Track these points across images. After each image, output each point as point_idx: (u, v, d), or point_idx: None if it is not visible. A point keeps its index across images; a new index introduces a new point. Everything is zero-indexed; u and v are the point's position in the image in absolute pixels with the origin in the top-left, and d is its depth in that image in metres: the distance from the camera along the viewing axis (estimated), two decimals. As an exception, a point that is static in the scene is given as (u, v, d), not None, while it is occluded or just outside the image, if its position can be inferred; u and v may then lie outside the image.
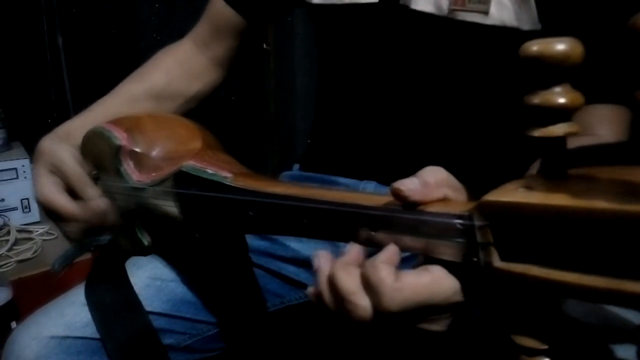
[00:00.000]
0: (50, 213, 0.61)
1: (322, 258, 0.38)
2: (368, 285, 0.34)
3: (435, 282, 0.34)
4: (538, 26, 0.53)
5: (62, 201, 0.59)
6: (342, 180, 0.68)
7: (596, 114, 0.49)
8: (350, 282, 0.35)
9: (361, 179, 0.66)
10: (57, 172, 0.61)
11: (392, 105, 0.62)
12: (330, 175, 0.69)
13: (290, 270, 0.68)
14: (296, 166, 0.78)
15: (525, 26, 0.53)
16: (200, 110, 0.81)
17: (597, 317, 0.38)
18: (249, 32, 0.76)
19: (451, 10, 0.54)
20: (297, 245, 0.67)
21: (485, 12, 0.53)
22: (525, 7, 0.52)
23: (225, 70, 0.80)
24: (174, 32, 0.83)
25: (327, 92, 0.72)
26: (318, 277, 0.37)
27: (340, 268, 0.36)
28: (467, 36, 0.55)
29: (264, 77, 1.79)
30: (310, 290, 0.39)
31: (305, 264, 0.67)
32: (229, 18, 0.74)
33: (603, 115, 0.49)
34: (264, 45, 1.73)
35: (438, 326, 0.36)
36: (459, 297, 0.35)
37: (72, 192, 0.61)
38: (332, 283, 0.36)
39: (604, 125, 0.48)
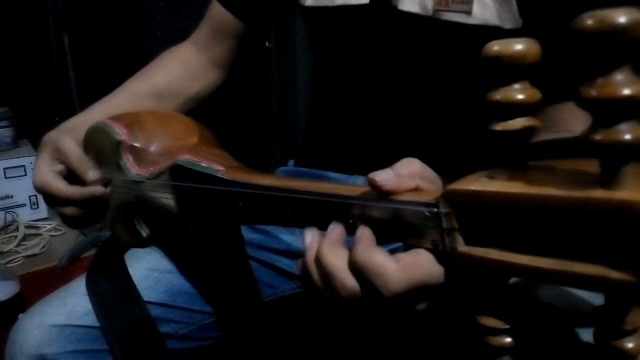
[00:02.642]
0: (47, 197, 0.64)
1: (311, 236, 0.39)
2: (367, 271, 0.35)
3: (430, 262, 0.35)
4: (519, 24, 0.54)
5: (56, 183, 0.63)
6: (332, 175, 0.70)
7: (572, 110, 0.50)
8: (337, 261, 0.36)
9: (351, 173, 0.68)
10: (60, 155, 0.64)
11: (381, 103, 0.64)
12: (322, 170, 0.71)
13: (284, 262, 0.70)
14: (291, 162, 0.80)
15: (507, 25, 0.54)
16: (205, 108, 0.83)
17: (566, 302, 0.40)
18: (248, 35, 0.78)
19: (436, 11, 0.56)
20: (290, 238, 0.69)
21: (468, 12, 0.55)
22: (506, 6, 0.54)
23: (225, 71, 0.82)
24: (179, 31, 0.85)
25: (321, 91, 0.74)
26: (306, 255, 0.39)
27: (328, 247, 0.37)
28: (452, 36, 0.56)
29: (266, 75, 1.81)
30: (298, 264, 0.41)
31: (298, 256, 0.68)
32: (228, 22, 0.76)
33: (579, 111, 0.50)
34: (266, 44, 1.75)
35: (421, 305, 0.38)
36: (443, 278, 0.36)
37: (74, 178, 0.64)
38: (320, 262, 0.37)
39: (578, 120, 0.50)
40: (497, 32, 0.54)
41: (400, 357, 0.55)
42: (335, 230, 0.38)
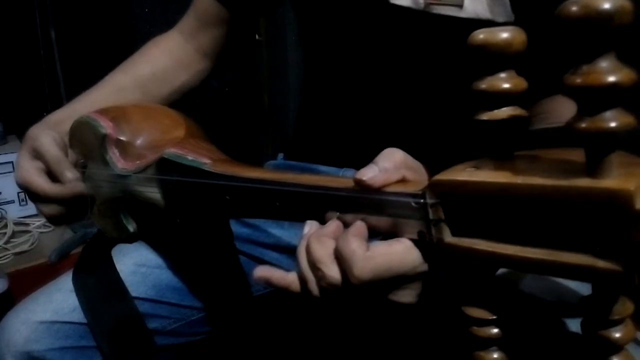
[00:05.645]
0: (30, 194, 0.64)
1: (309, 227, 0.40)
2: (341, 258, 0.36)
3: (405, 250, 0.36)
4: (511, 18, 0.54)
5: (38, 181, 0.62)
6: (322, 168, 0.69)
7: (565, 101, 0.50)
8: (321, 252, 0.37)
9: (341, 166, 0.67)
10: (38, 155, 0.63)
11: (372, 95, 0.64)
12: (312, 163, 0.70)
13: (273, 256, 0.70)
14: (280, 155, 0.79)
15: (499, 18, 0.54)
16: (196, 102, 0.82)
17: (553, 293, 0.40)
18: (235, 24, 0.77)
19: (427, 4, 0.55)
20: (279, 231, 0.69)
21: (460, 6, 0.54)
22: (498, 0, 0.53)
23: (212, 61, 0.81)
24: (168, 24, 0.84)
25: (311, 83, 0.74)
26: (299, 244, 0.40)
27: (315, 238, 0.38)
28: (444, 29, 0.56)
29: (256, 67, 1.80)
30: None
31: (287, 250, 0.69)
32: (214, 10, 0.75)
33: (572, 102, 0.50)
34: (257, 36, 1.73)
35: (408, 298, 0.38)
36: (425, 267, 0.37)
37: (54, 176, 0.63)
38: (307, 251, 0.38)
39: (571, 112, 0.50)
40: (489, 26, 0.53)
41: (390, 349, 0.55)
42: (332, 225, 0.39)
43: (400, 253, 0.36)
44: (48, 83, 1.55)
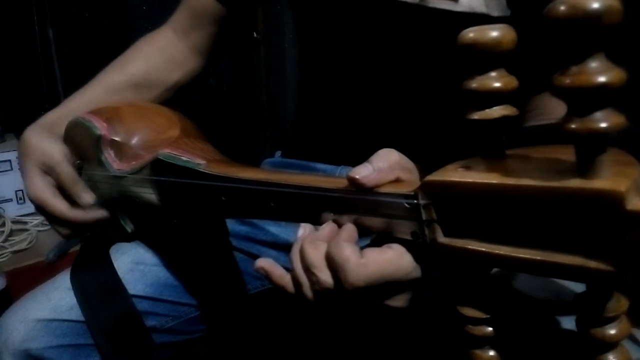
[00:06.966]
0: (43, 212, 0.63)
1: (303, 231, 0.41)
2: (334, 264, 0.36)
3: (397, 257, 0.36)
4: (507, 12, 0.54)
5: (59, 206, 0.62)
6: (320, 166, 0.69)
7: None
8: (315, 256, 0.38)
9: (338, 164, 0.67)
10: (50, 172, 0.63)
11: (369, 92, 0.63)
12: (309, 161, 0.70)
13: (270, 254, 0.70)
14: (278, 153, 0.79)
15: (495, 12, 0.54)
16: (192, 99, 0.82)
17: (549, 291, 0.40)
18: (229, 20, 0.76)
19: None
20: (277, 229, 0.69)
21: None
22: None
23: (205, 59, 0.80)
24: (165, 22, 0.83)
25: (307, 81, 0.73)
26: (293, 247, 0.40)
27: (309, 242, 0.38)
28: (439, 23, 0.56)
29: (254, 66, 1.80)
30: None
31: (285, 247, 0.69)
32: (207, 6, 0.74)
33: None
34: (254, 34, 1.73)
35: (400, 302, 0.38)
36: (418, 273, 0.37)
37: (66, 194, 0.63)
38: (301, 255, 0.39)
39: (565, 108, 0.49)
40: (485, 20, 0.53)
41: (386, 348, 0.55)
42: (327, 228, 0.39)
43: (393, 260, 0.36)
44: (46, 81, 1.54)
